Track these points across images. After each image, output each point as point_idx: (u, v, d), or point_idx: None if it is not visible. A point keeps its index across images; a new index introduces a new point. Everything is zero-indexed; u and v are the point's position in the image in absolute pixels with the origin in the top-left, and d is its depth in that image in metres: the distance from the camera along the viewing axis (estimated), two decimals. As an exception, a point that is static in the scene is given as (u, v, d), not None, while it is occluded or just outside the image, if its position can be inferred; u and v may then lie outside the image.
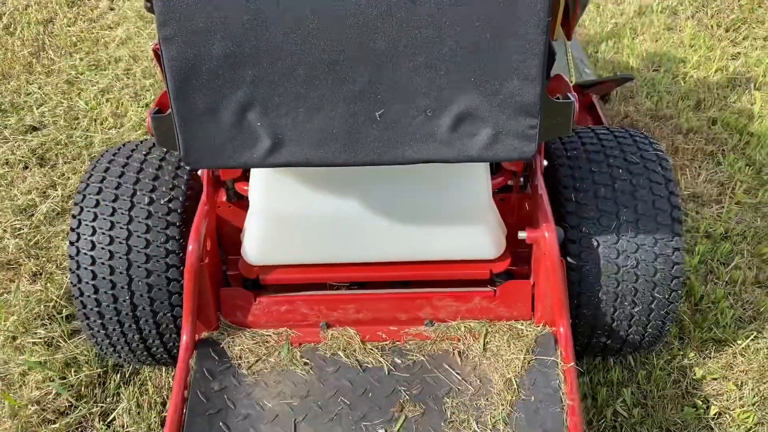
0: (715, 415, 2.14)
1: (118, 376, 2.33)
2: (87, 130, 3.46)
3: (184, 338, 1.93)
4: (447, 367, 1.95)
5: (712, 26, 4.22)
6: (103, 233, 1.97)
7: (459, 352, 1.98)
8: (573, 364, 1.87)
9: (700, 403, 2.17)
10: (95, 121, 3.52)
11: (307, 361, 1.97)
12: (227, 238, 2.17)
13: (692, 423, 2.12)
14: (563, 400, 1.81)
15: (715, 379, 2.25)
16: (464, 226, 1.96)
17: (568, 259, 1.99)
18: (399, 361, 1.97)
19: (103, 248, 1.97)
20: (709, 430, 2.10)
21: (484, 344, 1.99)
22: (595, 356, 2.28)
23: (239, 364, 1.96)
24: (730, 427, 2.11)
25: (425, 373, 1.94)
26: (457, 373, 1.93)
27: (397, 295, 2.06)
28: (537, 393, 1.85)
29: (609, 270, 1.97)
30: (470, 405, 1.85)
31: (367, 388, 1.91)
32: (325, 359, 1.98)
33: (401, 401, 1.87)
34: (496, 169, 2.14)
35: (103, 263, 1.97)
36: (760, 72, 3.76)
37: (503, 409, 1.83)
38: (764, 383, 2.21)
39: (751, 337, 2.35)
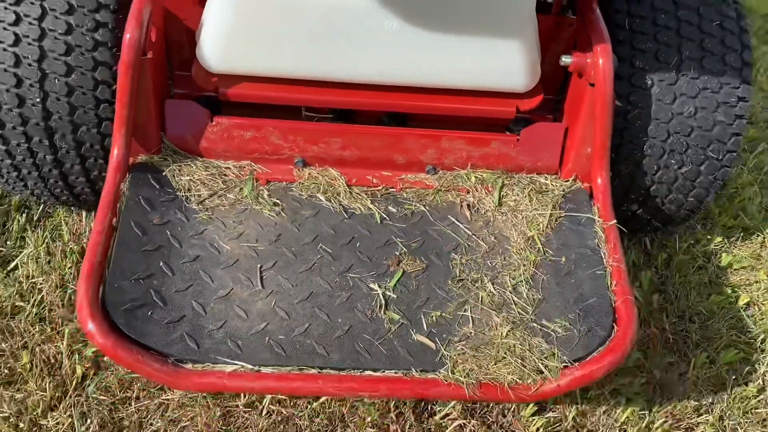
0: (744, 305, 1.85)
1: (24, 217, 1.82)
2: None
3: (116, 153, 1.45)
4: (454, 220, 1.56)
5: None
6: (6, 8, 1.43)
7: (468, 206, 1.59)
8: (615, 221, 1.51)
9: (729, 291, 1.88)
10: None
11: (278, 201, 1.53)
12: (176, 46, 1.66)
13: (719, 312, 1.83)
14: (604, 260, 1.45)
15: (744, 267, 1.96)
16: (495, 39, 1.53)
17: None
18: (394, 210, 1.56)
19: (4, 29, 1.43)
20: (738, 321, 1.81)
21: (499, 198, 1.60)
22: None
23: (187, 198, 1.49)
24: (761, 318, 1.83)
25: (427, 225, 1.54)
26: (466, 228, 1.54)
27: (394, 131, 1.63)
28: (569, 253, 1.48)
29: (661, 117, 1.60)
30: (483, 264, 1.47)
31: (354, 236, 1.49)
32: (300, 201, 1.55)
33: (398, 254, 1.47)
34: None
35: (4, 50, 1.44)
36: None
37: (525, 270, 1.46)
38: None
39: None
